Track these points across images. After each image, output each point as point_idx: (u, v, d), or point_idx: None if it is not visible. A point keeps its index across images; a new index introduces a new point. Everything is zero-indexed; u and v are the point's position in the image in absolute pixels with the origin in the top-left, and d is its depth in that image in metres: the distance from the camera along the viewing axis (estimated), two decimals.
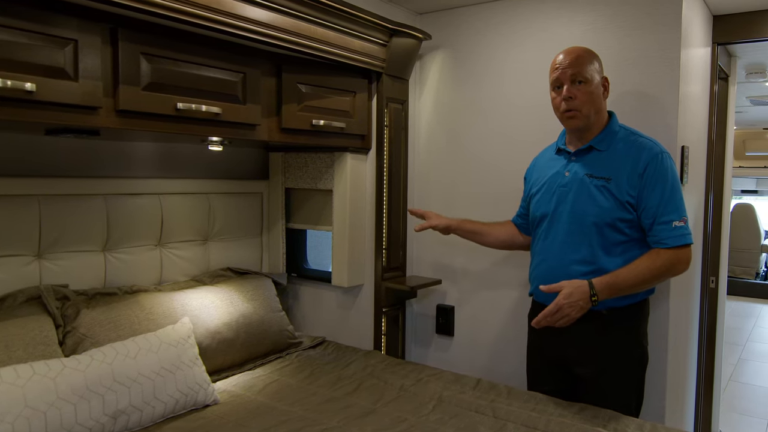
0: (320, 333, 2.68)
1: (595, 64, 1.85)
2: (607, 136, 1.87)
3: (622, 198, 1.77)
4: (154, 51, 1.71)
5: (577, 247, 1.83)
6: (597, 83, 1.83)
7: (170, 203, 2.31)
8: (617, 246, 1.80)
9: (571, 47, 1.91)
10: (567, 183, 1.88)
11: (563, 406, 1.87)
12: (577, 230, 1.84)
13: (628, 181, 1.77)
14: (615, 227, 1.79)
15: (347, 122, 2.37)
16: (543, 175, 2.01)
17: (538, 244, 1.98)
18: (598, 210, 1.80)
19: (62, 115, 1.54)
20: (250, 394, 1.99)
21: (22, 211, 1.88)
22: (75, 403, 1.57)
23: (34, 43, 1.45)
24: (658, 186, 1.76)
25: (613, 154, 1.84)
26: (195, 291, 2.24)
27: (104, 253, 2.12)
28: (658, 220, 1.75)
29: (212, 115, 1.86)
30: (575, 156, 1.91)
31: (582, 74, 1.81)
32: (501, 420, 1.80)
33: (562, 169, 1.93)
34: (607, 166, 1.82)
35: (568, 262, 1.84)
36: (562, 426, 1.73)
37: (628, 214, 1.78)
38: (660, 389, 2.27)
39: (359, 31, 2.28)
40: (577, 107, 1.81)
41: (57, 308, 1.86)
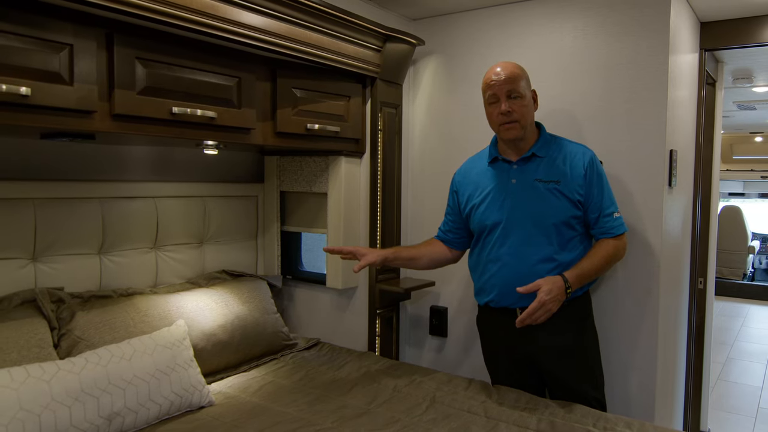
0: (315, 334, 2.67)
1: (526, 80, 1.95)
2: (544, 144, 1.98)
3: (573, 197, 1.91)
4: (149, 56, 1.70)
5: (539, 247, 1.92)
6: (529, 97, 1.94)
7: (166, 206, 2.29)
8: (570, 241, 1.94)
9: (503, 63, 1.96)
10: (516, 190, 1.95)
11: (553, 406, 1.87)
12: (538, 232, 1.92)
13: (575, 181, 1.92)
14: (569, 225, 1.92)
15: (342, 126, 2.36)
16: (483, 186, 2.04)
17: (492, 251, 1.99)
18: (555, 210, 1.91)
19: (57, 119, 1.52)
20: (245, 395, 1.98)
21: (17, 214, 1.86)
22: (70, 405, 1.55)
23: (29, 48, 1.44)
24: (598, 184, 1.94)
25: (553, 159, 1.96)
26: (190, 293, 2.22)
27: (99, 256, 2.10)
28: (603, 213, 1.93)
29: (207, 120, 1.85)
30: (517, 164, 1.98)
31: (516, 90, 1.90)
32: (493, 420, 1.80)
33: (505, 177, 1.99)
34: (553, 171, 1.94)
35: (533, 263, 1.91)
36: (553, 425, 1.74)
37: (579, 212, 1.93)
38: (649, 388, 2.27)
39: (353, 36, 2.27)
40: (516, 119, 1.90)
41: (52, 311, 1.84)
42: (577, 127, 2.40)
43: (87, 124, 1.59)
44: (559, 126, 2.43)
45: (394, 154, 2.63)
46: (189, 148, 2.16)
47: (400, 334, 2.78)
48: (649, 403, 2.28)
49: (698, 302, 3.04)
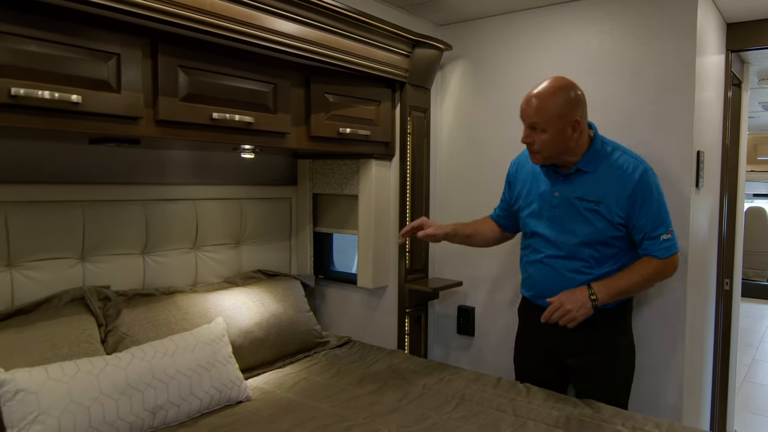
0: (346, 333, 2.66)
1: (556, 112, 1.73)
2: (593, 158, 1.83)
3: (613, 219, 1.79)
4: (191, 63, 1.71)
5: (574, 260, 1.86)
6: (558, 130, 1.74)
7: (205, 208, 2.31)
8: (609, 257, 1.85)
9: (542, 90, 1.76)
10: (558, 204, 1.87)
11: (582, 406, 1.83)
12: (574, 247, 1.86)
13: (617, 203, 1.78)
14: (606, 243, 1.83)
15: (372, 130, 2.35)
16: (531, 188, 1.98)
17: (531, 254, 1.98)
18: (590, 231, 1.81)
19: (106, 125, 1.55)
20: (280, 391, 1.98)
21: (67, 216, 1.89)
22: (117, 398, 1.57)
23: (79, 57, 1.46)
24: (646, 205, 1.78)
25: (600, 175, 1.82)
26: (228, 292, 2.23)
27: (143, 256, 2.13)
28: (648, 236, 1.79)
29: (245, 124, 1.86)
30: (563, 176, 1.87)
31: (539, 124, 1.75)
32: (521, 418, 1.76)
33: (550, 187, 1.90)
34: (596, 189, 1.81)
35: (567, 274, 1.88)
36: (582, 424, 1.70)
37: (619, 232, 1.82)
38: (677, 389, 2.21)
39: (383, 42, 2.27)
40: (536, 150, 1.79)
41: (99, 308, 1.87)
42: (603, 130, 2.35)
43: (133, 130, 1.61)
44: None
45: (423, 157, 2.61)
46: (227, 152, 2.18)
47: (428, 332, 2.76)
48: (677, 404, 2.22)
49: (724, 303, 2.95)
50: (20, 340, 1.62)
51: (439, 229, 2.05)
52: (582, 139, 1.81)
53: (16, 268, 1.78)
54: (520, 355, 2.15)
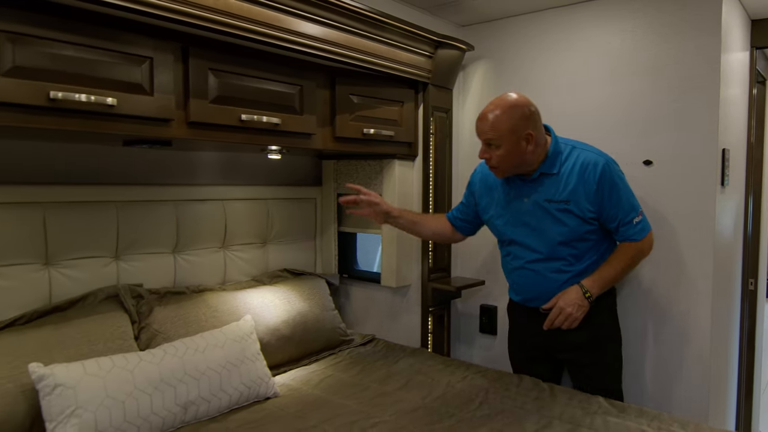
0: (370, 331, 2.65)
1: (508, 127, 1.75)
2: (554, 160, 1.85)
3: (584, 215, 1.82)
4: (220, 66, 1.72)
5: (555, 260, 1.88)
6: (512, 144, 1.76)
7: (233, 209, 2.32)
8: (586, 251, 1.88)
9: (493, 106, 1.79)
10: (529, 210, 1.88)
11: (606, 405, 1.80)
12: (552, 248, 1.88)
13: (586, 198, 1.81)
14: (582, 239, 1.85)
15: (395, 131, 2.35)
16: (498, 200, 1.98)
17: (513, 261, 2.00)
18: (565, 230, 1.84)
19: (139, 127, 1.56)
20: (307, 387, 1.98)
21: (101, 216, 1.91)
22: (150, 393, 1.58)
23: (114, 61, 1.48)
24: (614, 195, 1.81)
25: (564, 175, 1.84)
26: (255, 290, 2.24)
27: (174, 254, 2.14)
28: (622, 222, 1.83)
29: (272, 126, 1.86)
30: (530, 182, 1.89)
31: (494, 140, 1.78)
32: (546, 417, 1.73)
33: (518, 194, 1.91)
34: (563, 189, 1.83)
35: (550, 274, 1.90)
36: (607, 424, 1.66)
37: (592, 226, 1.85)
38: (702, 390, 2.17)
39: (407, 44, 2.26)
40: (494, 165, 1.83)
41: (132, 306, 1.89)
42: (627, 129, 2.32)
43: (165, 131, 1.63)
44: (608, 128, 2.36)
45: (445, 157, 2.60)
46: (254, 153, 2.18)
47: (451, 331, 2.74)
48: (703, 405, 2.17)
49: (749, 304, 2.88)
50: (58, 337, 1.65)
51: (386, 205, 2.04)
52: (538, 149, 1.82)
53: (53, 266, 1.81)
54: (514, 352, 2.19)
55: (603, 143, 2.36)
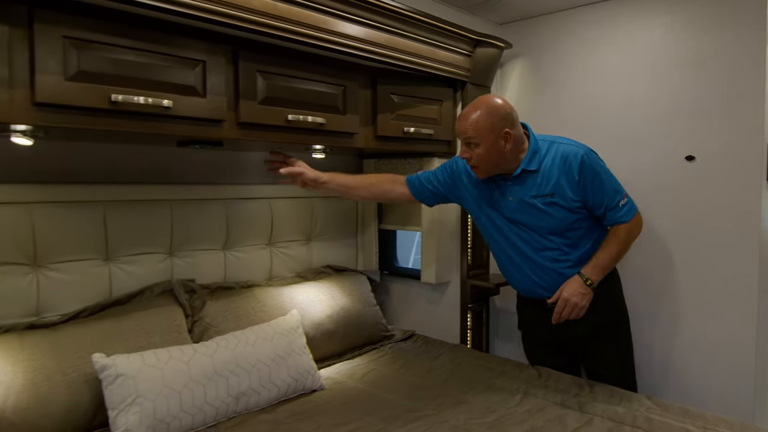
0: (410, 327, 2.64)
1: (486, 125, 1.75)
2: (535, 156, 1.84)
3: (570, 206, 1.81)
4: (268, 69, 1.74)
5: (548, 251, 1.87)
6: (491, 143, 1.76)
7: (279, 207, 2.35)
8: (578, 239, 1.87)
9: (472, 107, 1.80)
10: (516, 207, 1.87)
11: (648, 404, 1.74)
12: (543, 241, 1.86)
13: (570, 189, 1.80)
14: (572, 228, 1.85)
15: (435, 129, 2.33)
16: (484, 198, 1.95)
17: (505, 257, 1.98)
18: (553, 222, 1.83)
19: (194, 127, 1.59)
20: (350, 381, 1.98)
21: (157, 214, 1.95)
22: (204, 384, 1.61)
23: (170, 65, 1.51)
24: (597, 183, 1.80)
25: (545, 170, 1.83)
26: (300, 286, 2.26)
27: (224, 251, 2.17)
28: (609, 207, 1.83)
29: (317, 125, 1.87)
30: (511, 181, 1.87)
31: (473, 139, 1.78)
32: (587, 414, 1.69)
33: (503, 193, 1.89)
34: (546, 184, 1.82)
35: (546, 265, 1.88)
36: (650, 422, 1.60)
37: (579, 214, 1.84)
38: (748, 390, 2.08)
39: (446, 43, 2.24)
40: (475, 165, 1.82)
41: (186, 300, 1.92)
42: (668, 123, 2.24)
43: (217, 132, 1.65)
44: (650, 122, 2.29)
45: None
46: (299, 152, 2.20)
47: (489, 327, 2.70)
48: (748, 405, 2.08)
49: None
50: (118, 329, 1.70)
51: (312, 171, 1.93)
52: (517, 148, 1.82)
53: (113, 262, 1.86)
54: (528, 347, 2.16)
55: (644, 138, 2.31)
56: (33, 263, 1.69)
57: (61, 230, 1.73)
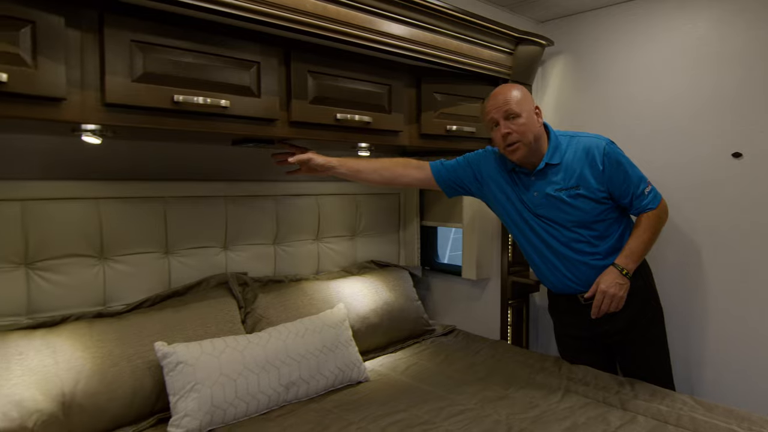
0: (450, 322, 2.63)
1: (524, 98, 1.80)
2: (556, 150, 1.82)
3: (596, 197, 1.79)
4: (318, 69, 1.75)
5: (577, 244, 1.83)
6: (529, 113, 1.79)
7: (325, 203, 2.37)
8: (606, 229, 1.83)
9: (499, 88, 1.83)
10: (542, 202, 1.84)
11: (691, 403, 1.68)
12: (572, 235, 1.83)
13: (595, 180, 1.78)
14: (600, 220, 1.82)
15: (477, 127, 2.30)
16: (508, 194, 1.91)
17: (534, 252, 1.93)
18: (580, 214, 1.80)
19: (249, 126, 1.62)
20: (394, 374, 1.98)
21: (213, 209, 2.00)
22: (258, 373, 1.64)
23: (227, 67, 1.54)
24: (621, 172, 1.78)
25: (568, 162, 1.81)
26: (346, 280, 2.28)
27: (274, 246, 2.21)
28: (635, 195, 1.80)
29: (364, 124, 1.87)
30: (535, 176, 1.84)
31: (513, 110, 1.76)
32: (630, 412, 1.64)
33: (525, 187, 1.86)
34: (571, 176, 1.80)
35: (576, 258, 1.84)
36: (694, 422, 1.55)
37: (605, 205, 1.81)
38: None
39: (489, 41, 2.21)
40: (517, 139, 1.77)
41: (239, 292, 1.96)
42: (714, 120, 2.16)
43: (270, 131, 1.68)
44: (695, 118, 2.21)
45: None
46: (345, 150, 2.21)
47: (529, 324, 2.67)
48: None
49: None
50: (177, 319, 1.74)
51: (320, 157, 1.85)
52: (542, 131, 1.83)
53: (172, 255, 1.92)
54: (562, 346, 2.11)
55: (690, 135, 2.23)
56: (100, 255, 1.76)
57: (126, 224, 1.79)
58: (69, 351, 1.50)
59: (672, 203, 2.20)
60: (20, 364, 1.41)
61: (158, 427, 1.55)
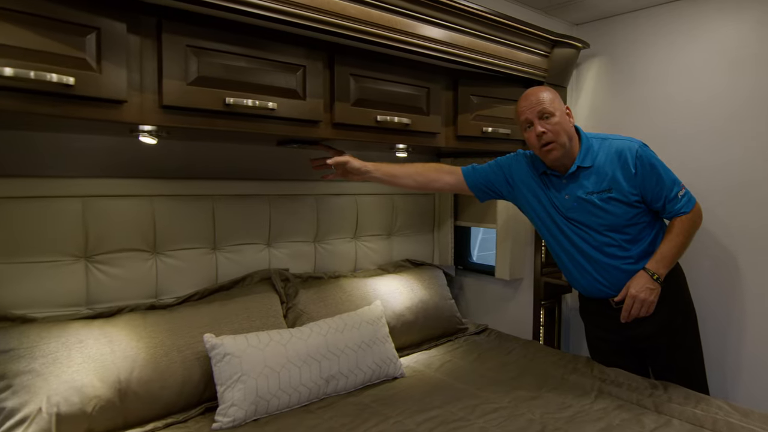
0: (482, 321, 2.61)
1: (555, 98, 1.77)
2: (588, 153, 1.77)
3: (629, 200, 1.74)
4: (359, 72, 1.76)
5: (609, 248, 1.78)
6: (562, 114, 1.76)
7: (363, 203, 2.37)
8: (640, 233, 1.78)
9: (531, 89, 1.80)
10: (573, 206, 1.79)
11: (727, 408, 1.62)
12: (604, 239, 1.78)
13: (627, 183, 1.73)
14: (632, 224, 1.76)
15: (512, 129, 2.28)
16: (539, 197, 1.87)
17: (565, 257, 1.89)
18: (612, 218, 1.75)
19: (294, 128, 1.64)
20: (429, 370, 1.98)
21: (257, 208, 2.03)
22: (300, 366, 1.65)
23: (275, 70, 1.56)
24: (654, 175, 1.73)
25: (600, 166, 1.76)
26: (382, 278, 2.28)
27: (314, 243, 2.23)
28: (668, 198, 1.74)
29: (403, 126, 1.88)
30: (567, 179, 1.80)
31: (547, 110, 1.73)
32: (664, 416, 1.59)
33: (557, 190, 1.82)
34: (603, 179, 1.75)
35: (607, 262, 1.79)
36: (731, 427, 1.49)
37: (638, 209, 1.76)
38: None
39: (525, 44, 2.18)
40: (552, 139, 1.73)
41: (282, 288, 1.98)
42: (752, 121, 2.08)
43: (314, 132, 1.69)
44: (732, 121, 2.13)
45: None
46: (382, 151, 2.22)
47: (561, 325, 2.63)
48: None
49: None
50: (224, 312, 1.77)
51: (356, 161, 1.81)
52: (574, 131, 1.80)
53: (219, 251, 1.95)
54: (594, 350, 2.06)
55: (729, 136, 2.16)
56: (153, 250, 1.80)
57: (177, 221, 1.83)
58: (125, 340, 1.54)
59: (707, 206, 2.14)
60: (80, 351, 1.46)
61: (205, 416, 1.58)
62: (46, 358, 1.41)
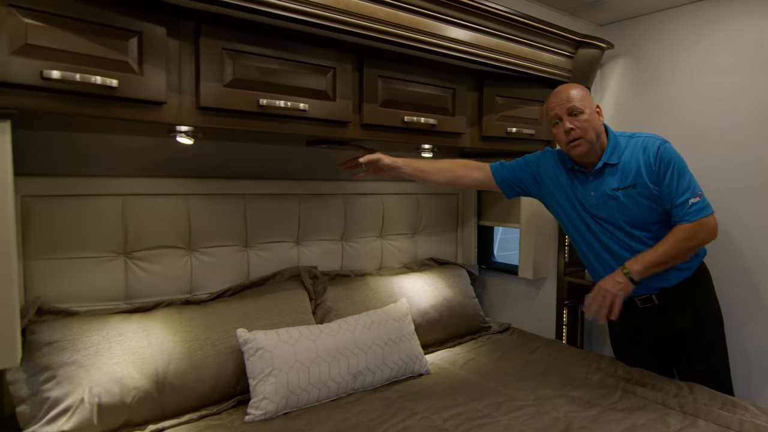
0: (505, 320, 2.58)
1: (585, 96, 1.75)
2: (615, 150, 1.75)
3: (652, 195, 1.70)
4: (387, 74, 1.76)
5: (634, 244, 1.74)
6: (591, 111, 1.73)
7: (389, 202, 2.37)
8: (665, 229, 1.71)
9: (562, 86, 1.77)
10: (598, 202, 1.76)
11: (753, 410, 1.57)
12: (629, 235, 1.74)
13: (650, 178, 1.70)
14: (657, 221, 1.73)
15: (536, 129, 2.26)
16: (566, 192, 1.83)
17: (589, 251, 1.85)
18: (637, 214, 1.72)
19: (324, 128, 1.65)
20: (453, 368, 1.97)
21: (287, 206, 2.04)
22: (329, 361, 1.66)
23: (306, 72, 1.57)
24: (668, 173, 1.69)
25: (626, 162, 1.73)
26: (407, 276, 2.27)
27: (341, 242, 2.23)
28: (675, 202, 1.68)
29: (429, 126, 1.87)
30: (593, 175, 1.77)
31: (576, 107, 1.71)
32: (690, 416, 1.55)
33: (585, 188, 1.79)
34: (628, 175, 1.72)
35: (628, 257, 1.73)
36: (758, 428, 1.44)
37: (662, 206, 1.72)
38: None
39: (550, 45, 2.16)
40: (580, 135, 1.70)
41: (311, 285, 1.99)
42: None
43: (343, 132, 1.70)
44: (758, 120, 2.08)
45: None
46: (408, 152, 2.22)
47: (584, 325, 2.59)
48: None
49: None
50: (256, 308, 1.79)
51: (387, 157, 1.81)
52: (603, 130, 1.77)
53: (251, 248, 1.97)
54: (618, 349, 2.02)
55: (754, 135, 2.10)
56: (188, 247, 1.82)
57: (211, 219, 1.85)
58: (162, 334, 1.56)
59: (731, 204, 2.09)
60: (120, 344, 1.49)
61: (238, 408, 1.60)
62: (88, 350, 1.44)
